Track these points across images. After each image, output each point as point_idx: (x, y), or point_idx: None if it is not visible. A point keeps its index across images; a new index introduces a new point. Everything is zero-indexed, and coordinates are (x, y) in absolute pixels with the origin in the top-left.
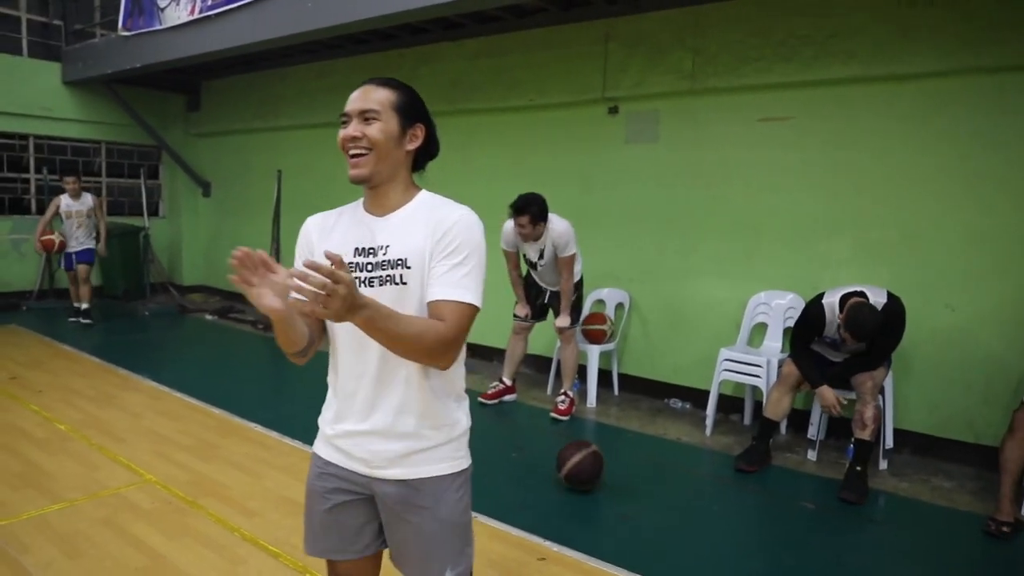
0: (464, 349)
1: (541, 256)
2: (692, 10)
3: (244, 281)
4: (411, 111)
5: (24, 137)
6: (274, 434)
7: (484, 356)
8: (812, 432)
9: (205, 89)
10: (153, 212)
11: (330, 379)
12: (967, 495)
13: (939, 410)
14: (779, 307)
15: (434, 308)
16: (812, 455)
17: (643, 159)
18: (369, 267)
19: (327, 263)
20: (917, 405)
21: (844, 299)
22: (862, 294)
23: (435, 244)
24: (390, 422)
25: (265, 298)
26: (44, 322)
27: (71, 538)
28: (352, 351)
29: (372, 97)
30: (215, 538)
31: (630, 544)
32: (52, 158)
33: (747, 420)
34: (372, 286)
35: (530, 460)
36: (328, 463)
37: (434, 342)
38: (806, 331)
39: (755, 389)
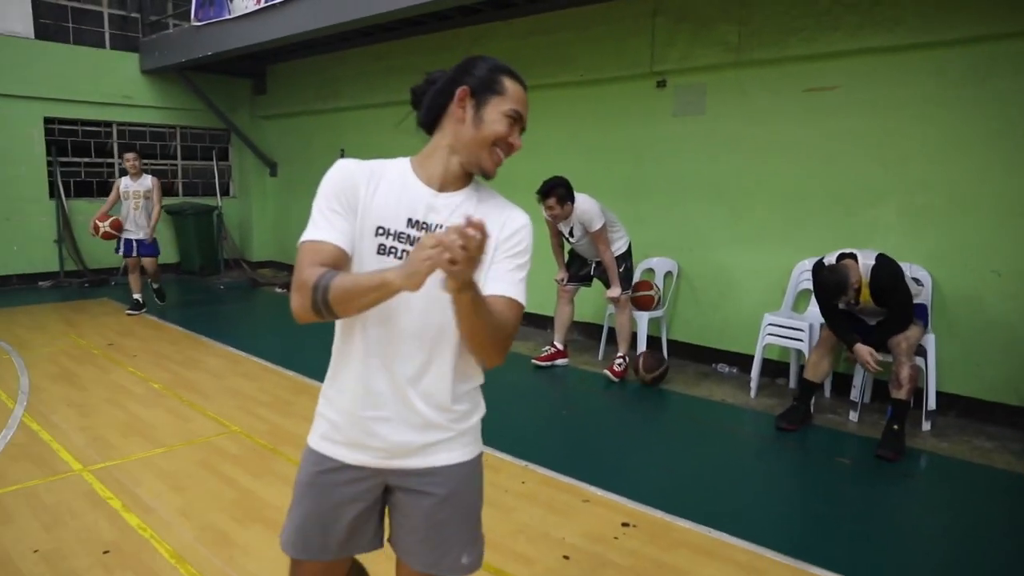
0: None
1: (571, 233)
2: None
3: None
4: None
5: (108, 124)
6: None
7: (538, 324)
8: (855, 394)
9: (270, 73)
10: (224, 192)
11: (341, 361)
12: (1007, 455)
13: (984, 374)
14: None
15: (496, 302)
16: (853, 416)
17: (691, 131)
18: None
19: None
20: (962, 369)
21: (839, 259)
22: (853, 255)
23: (503, 241)
24: (415, 411)
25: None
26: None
27: (174, 476)
28: (386, 335)
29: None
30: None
31: (669, 490)
32: (133, 143)
33: (792, 384)
34: None
35: (580, 417)
36: (329, 459)
37: (507, 336)
38: (820, 293)
39: (799, 353)
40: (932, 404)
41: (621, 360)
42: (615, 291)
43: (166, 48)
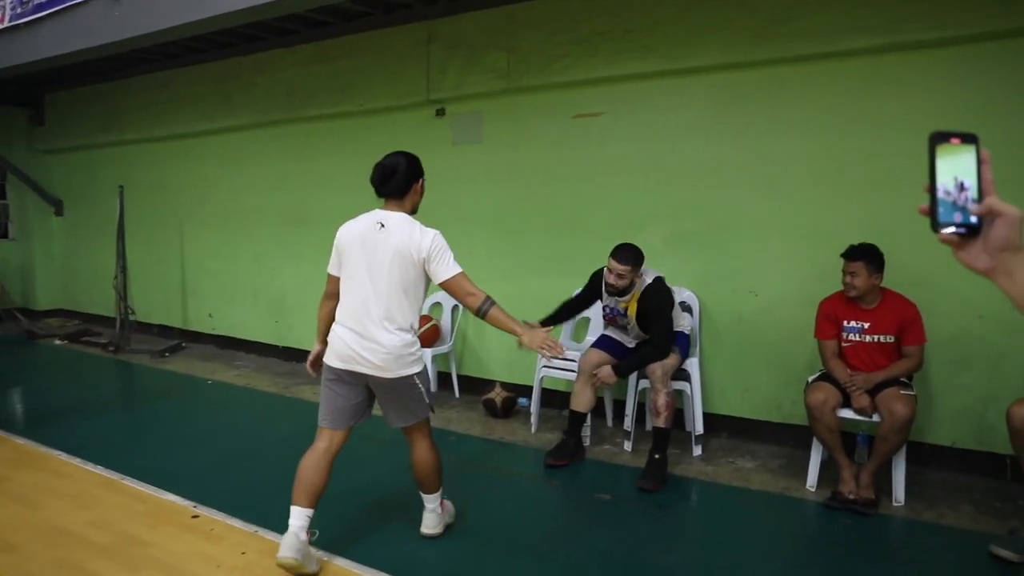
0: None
1: None
2: (504, 10)
3: None
4: None
5: None
6: (76, 460)
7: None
8: (627, 423)
9: (49, 102)
10: (1, 234)
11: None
12: (765, 474)
13: (750, 393)
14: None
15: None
16: (628, 446)
17: (470, 160)
18: None
19: None
20: (731, 390)
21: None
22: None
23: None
24: None
25: None
26: None
27: None
28: None
29: None
30: None
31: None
32: None
33: None
34: None
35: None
36: None
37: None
38: (586, 288)
39: None
40: (699, 428)
41: None
42: None
43: None
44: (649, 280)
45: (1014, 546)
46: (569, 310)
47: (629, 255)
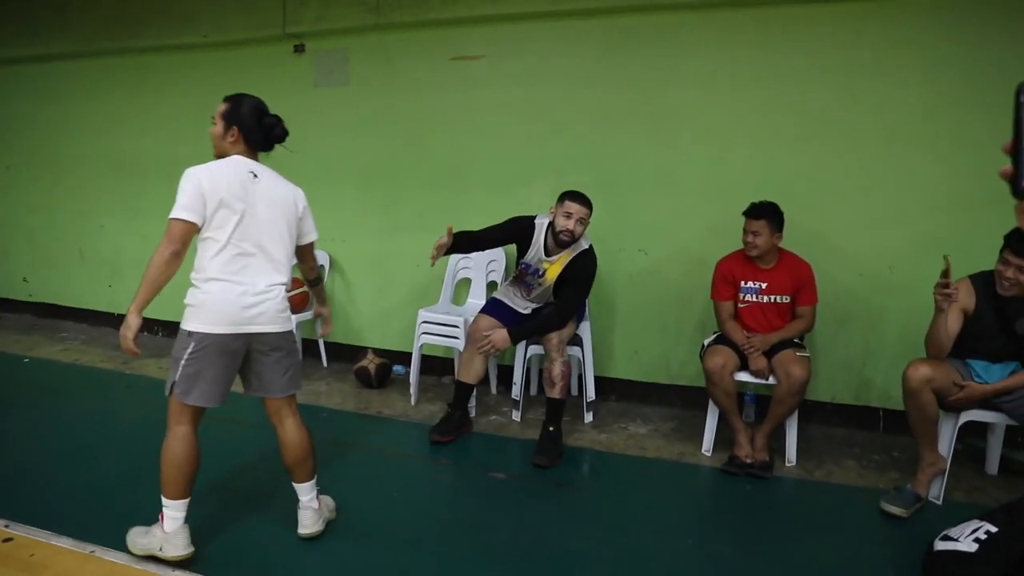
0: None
1: None
2: None
3: None
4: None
5: None
6: None
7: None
8: (515, 391)
9: None
10: None
11: None
12: (659, 439)
13: (640, 355)
14: (481, 260)
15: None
16: (516, 415)
17: (335, 104)
18: None
19: None
20: (620, 352)
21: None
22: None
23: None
24: None
25: None
26: None
27: None
28: None
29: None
30: None
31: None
32: None
33: None
34: None
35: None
36: None
37: None
38: (506, 228)
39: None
40: (591, 394)
41: None
42: None
43: None
44: (585, 246)
45: (901, 502)
46: (475, 240)
47: (587, 199)
